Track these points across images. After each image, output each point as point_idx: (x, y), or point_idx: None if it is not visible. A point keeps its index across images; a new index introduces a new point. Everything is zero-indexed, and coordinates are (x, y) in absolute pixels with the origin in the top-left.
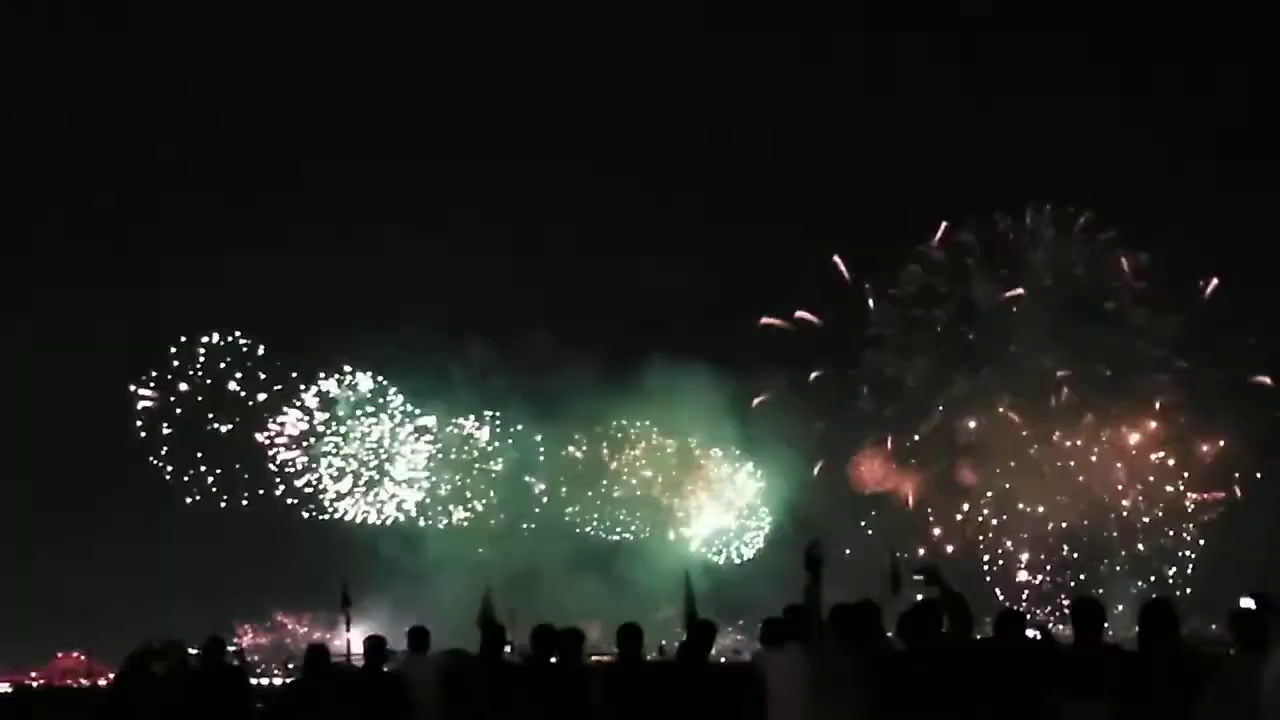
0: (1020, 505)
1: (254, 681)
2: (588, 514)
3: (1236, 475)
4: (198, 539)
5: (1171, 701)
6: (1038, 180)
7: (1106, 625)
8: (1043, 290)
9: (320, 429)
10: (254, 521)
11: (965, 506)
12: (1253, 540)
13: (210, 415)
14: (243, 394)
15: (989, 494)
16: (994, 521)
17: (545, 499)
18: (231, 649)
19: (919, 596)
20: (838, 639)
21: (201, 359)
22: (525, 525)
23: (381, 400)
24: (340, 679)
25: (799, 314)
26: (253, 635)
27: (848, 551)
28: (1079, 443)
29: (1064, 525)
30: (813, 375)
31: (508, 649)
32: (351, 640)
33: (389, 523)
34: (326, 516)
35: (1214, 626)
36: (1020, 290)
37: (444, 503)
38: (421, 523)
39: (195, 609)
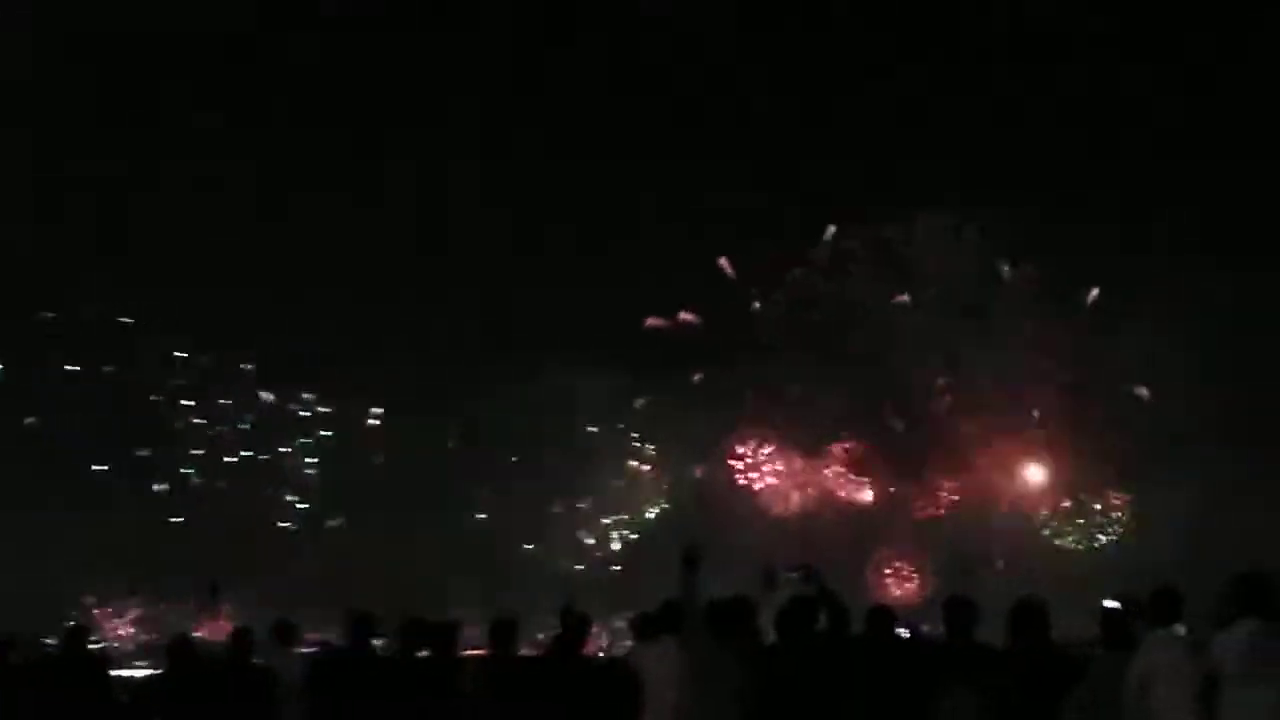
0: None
1: (118, 673)
2: (475, 508)
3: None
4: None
5: (1038, 699)
6: (929, 187)
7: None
8: (928, 298)
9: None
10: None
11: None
12: (1143, 544)
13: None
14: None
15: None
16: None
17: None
18: (94, 639)
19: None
20: (712, 633)
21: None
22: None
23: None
24: (205, 671)
25: (682, 315)
26: (117, 625)
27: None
28: (959, 450)
29: (947, 530)
30: (695, 377)
31: (378, 642)
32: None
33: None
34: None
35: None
36: (906, 297)
37: (328, 497)
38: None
39: (56, 599)
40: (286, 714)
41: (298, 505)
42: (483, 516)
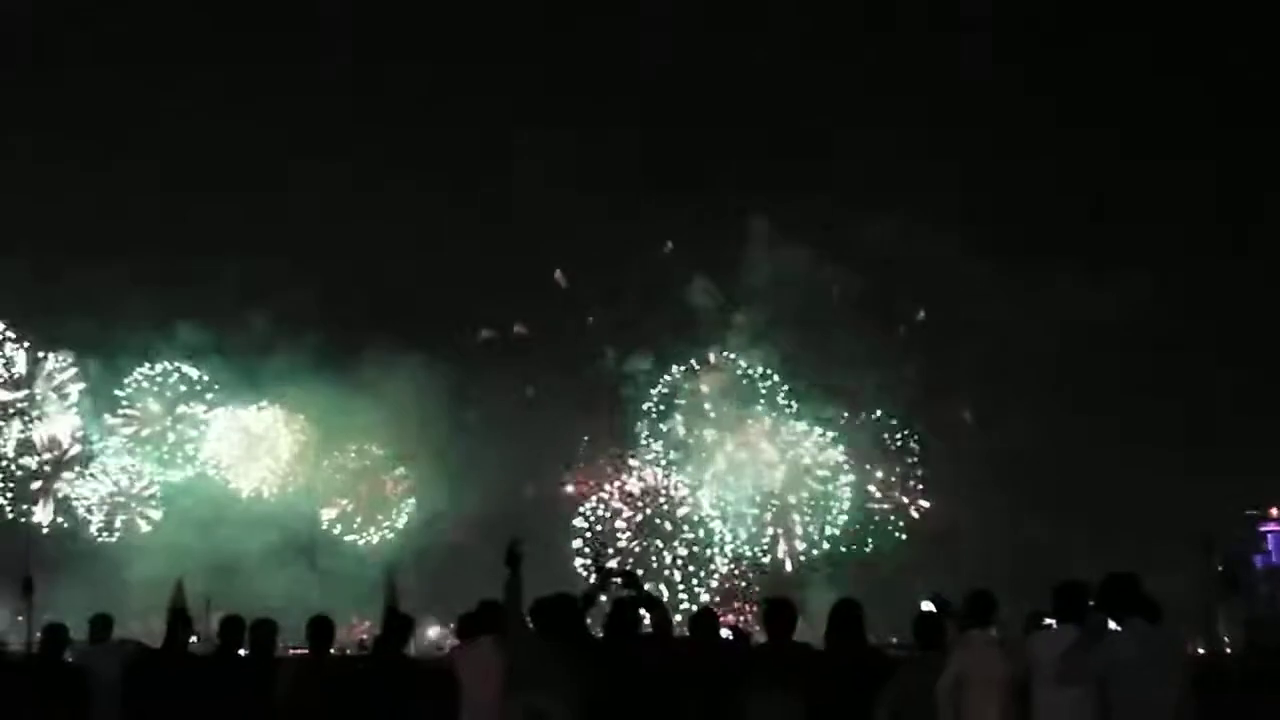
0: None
1: None
2: (295, 503)
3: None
4: None
5: (854, 698)
6: (765, 190)
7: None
8: (757, 302)
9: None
10: None
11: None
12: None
13: None
14: None
15: (695, 496)
16: (688, 524)
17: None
18: None
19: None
20: (538, 633)
21: None
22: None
23: (85, 384)
24: (14, 669)
25: (516, 328)
26: None
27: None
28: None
29: (763, 526)
30: (528, 390)
31: (194, 639)
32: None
33: (87, 511)
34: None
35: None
36: (734, 303)
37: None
38: (120, 518)
39: None
40: (98, 713)
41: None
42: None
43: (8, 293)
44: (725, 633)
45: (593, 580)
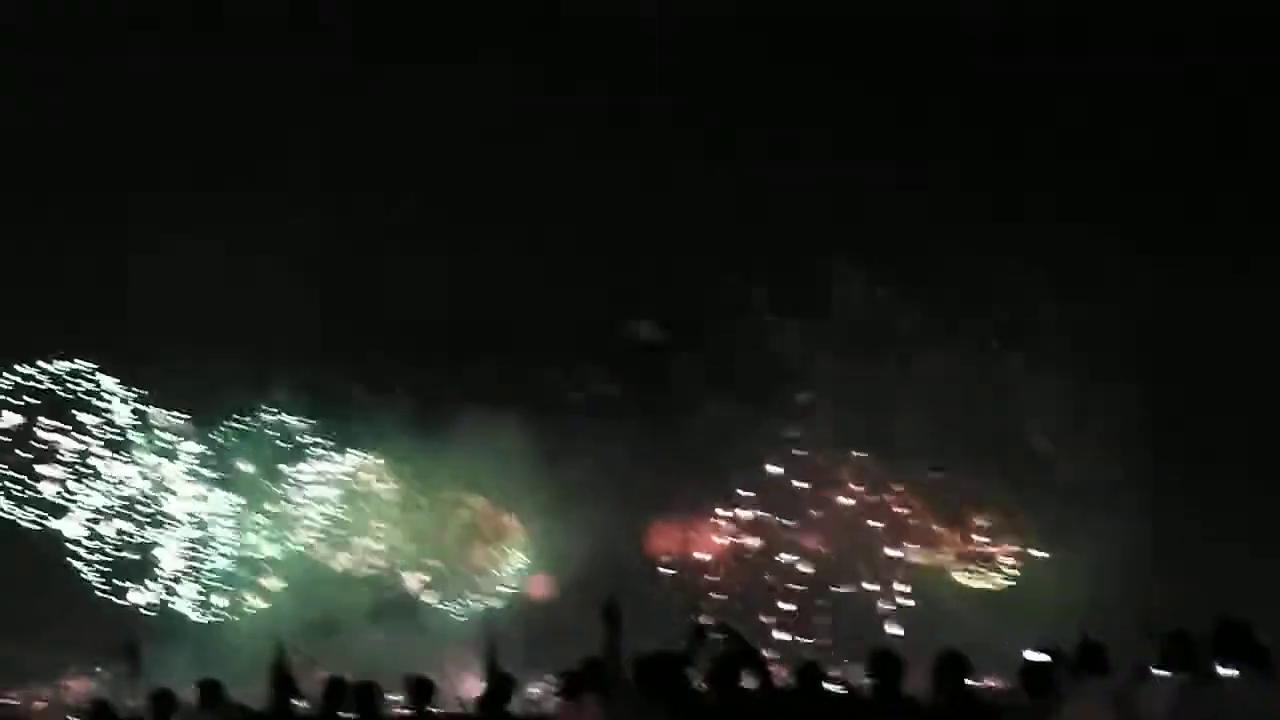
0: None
1: None
2: (393, 562)
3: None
4: None
5: None
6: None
7: None
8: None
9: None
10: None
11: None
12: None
13: None
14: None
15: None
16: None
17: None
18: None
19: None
20: (641, 690)
21: None
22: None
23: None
24: None
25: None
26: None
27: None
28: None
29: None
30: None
31: (299, 703)
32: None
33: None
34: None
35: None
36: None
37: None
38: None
39: None
40: None
41: None
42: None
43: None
44: (833, 686)
45: (693, 636)
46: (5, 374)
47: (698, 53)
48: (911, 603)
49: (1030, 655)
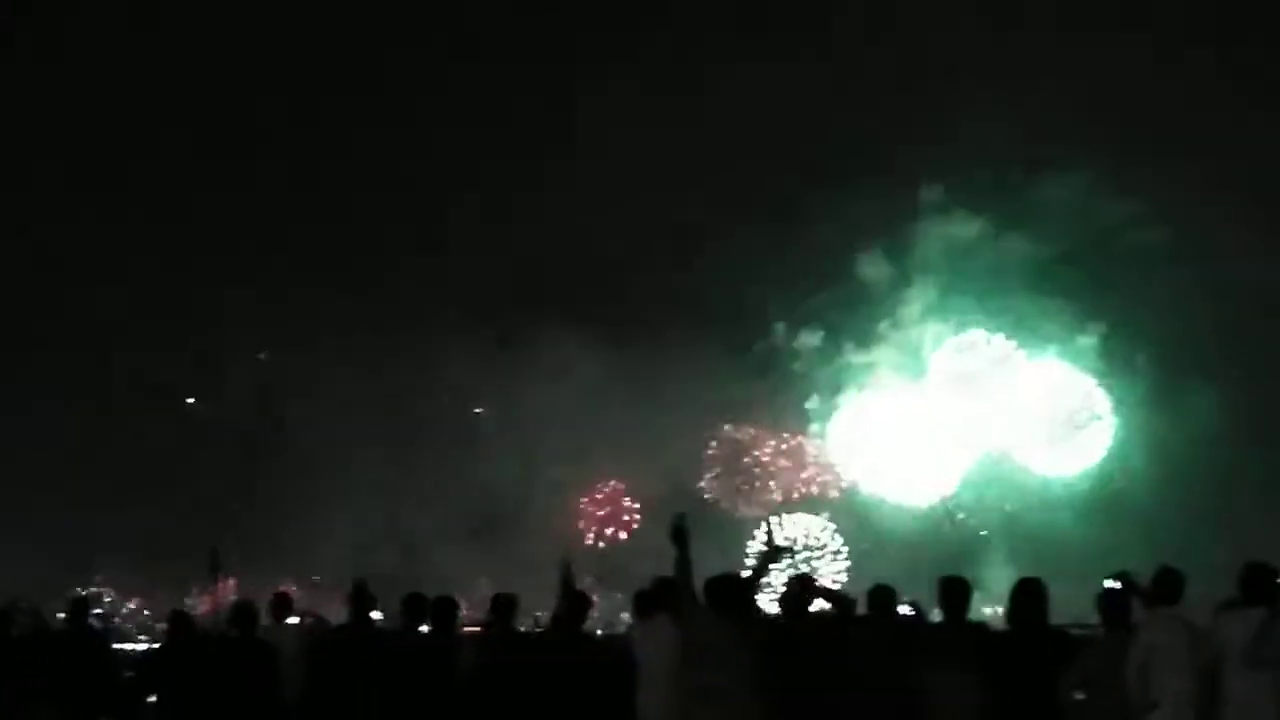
0: None
1: (120, 647)
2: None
3: None
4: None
5: (1037, 677)
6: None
7: None
8: (931, 274)
9: None
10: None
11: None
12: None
13: None
14: None
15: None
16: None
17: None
18: (97, 612)
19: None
20: (711, 610)
21: None
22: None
23: None
24: (205, 645)
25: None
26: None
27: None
28: None
29: None
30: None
31: (378, 616)
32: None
33: None
34: None
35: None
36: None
37: None
38: None
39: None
40: (286, 689)
41: None
42: None
43: None
44: (904, 609)
45: (761, 556)
46: None
47: None
48: None
49: (1107, 583)
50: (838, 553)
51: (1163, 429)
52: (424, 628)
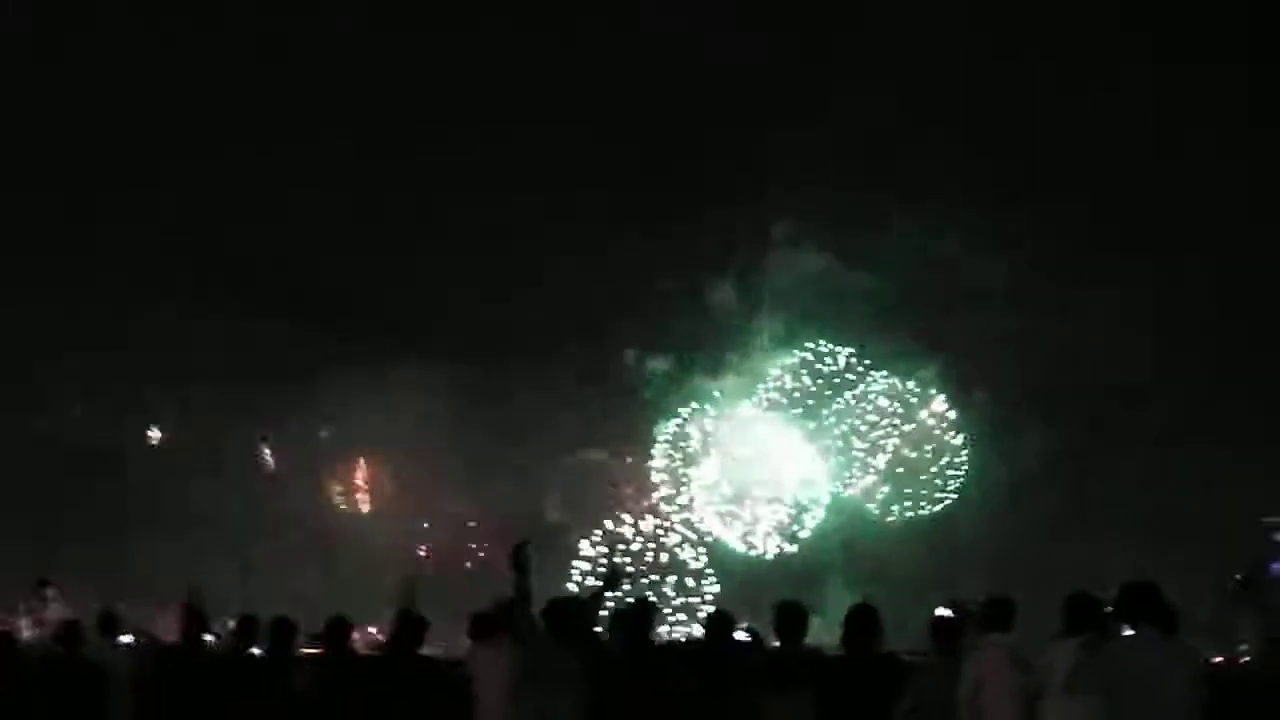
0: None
1: None
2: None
3: None
4: None
5: (869, 703)
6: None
7: None
8: (780, 306)
9: None
10: None
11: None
12: None
13: None
14: None
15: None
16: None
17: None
18: None
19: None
20: (550, 634)
21: None
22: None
23: None
24: (26, 666)
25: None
26: None
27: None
28: None
29: None
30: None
31: (210, 638)
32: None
33: None
34: None
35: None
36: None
37: None
38: None
39: None
40: (113, 710)
41: None
42: None
43: None
44: (741, 635)
45: (601, 582)
46: None
47: None
48: None
49: (939, 611)
50: (682, 581)
51: (995, 463)
52: (257, 650)
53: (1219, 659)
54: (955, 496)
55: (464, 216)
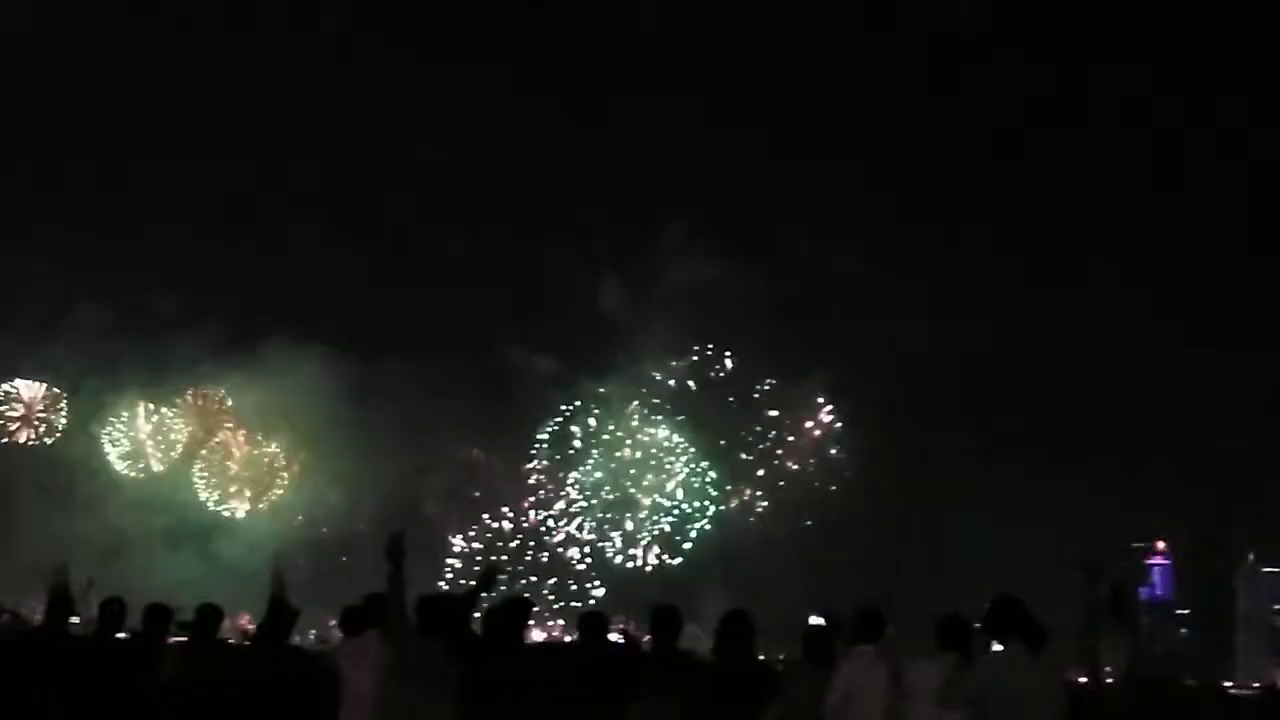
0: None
1: None
2: (190, 487)
3: None
4: None
5: (740, 707)
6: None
7: None
8: (669, 309)
9: None
10: None
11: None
12: None
13: None
14: None
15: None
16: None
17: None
18: None
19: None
20: (420, 630)
21: None
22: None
23: None
24: None
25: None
26: None
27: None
28: None
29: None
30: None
31: (74, 620)
32: None
33: None
34: None
35: None
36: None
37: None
38: None
39: None
40: None
41: None
42: None
43: None
44: (615, 637)
45: (476, 580)
46: None
47: None
48: None
49: (812, 620)
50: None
51: (879, 475)
52: (122, 634)
53: (1084, 679)
54: (836, 509)
55: (352, 209)
